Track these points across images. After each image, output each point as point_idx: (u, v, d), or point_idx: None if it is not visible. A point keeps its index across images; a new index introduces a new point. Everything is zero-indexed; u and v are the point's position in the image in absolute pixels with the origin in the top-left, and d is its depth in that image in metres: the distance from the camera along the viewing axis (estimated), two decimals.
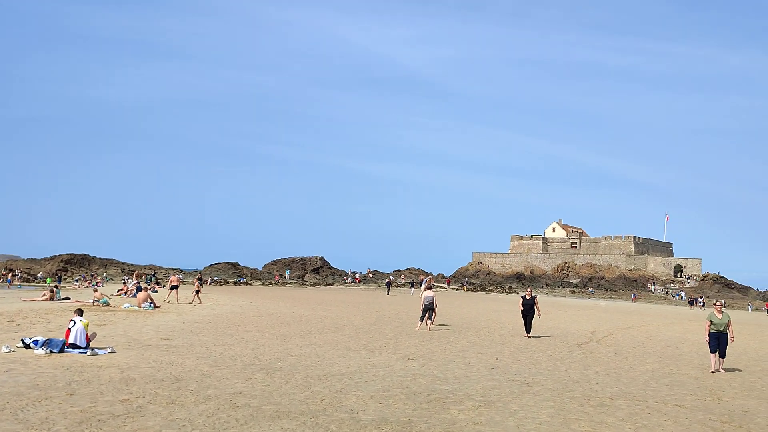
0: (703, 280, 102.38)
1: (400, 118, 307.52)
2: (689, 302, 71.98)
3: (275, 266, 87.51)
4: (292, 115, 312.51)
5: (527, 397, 10.25)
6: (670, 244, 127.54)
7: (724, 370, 14.91)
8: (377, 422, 8.10)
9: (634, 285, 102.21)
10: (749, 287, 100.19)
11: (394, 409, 8.96)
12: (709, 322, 14.85)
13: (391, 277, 77.40)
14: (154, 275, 58.20)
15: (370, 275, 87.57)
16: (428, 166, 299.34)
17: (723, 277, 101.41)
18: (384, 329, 21.52)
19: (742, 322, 38.79)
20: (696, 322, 37.34)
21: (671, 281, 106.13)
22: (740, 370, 15.31)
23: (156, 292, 36.11)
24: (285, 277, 79.08)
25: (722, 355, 14.91)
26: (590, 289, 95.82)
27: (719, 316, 14.82)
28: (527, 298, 20.95)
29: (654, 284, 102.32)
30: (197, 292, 30.84)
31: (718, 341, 14.72)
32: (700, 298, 72.35)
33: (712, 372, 14.61)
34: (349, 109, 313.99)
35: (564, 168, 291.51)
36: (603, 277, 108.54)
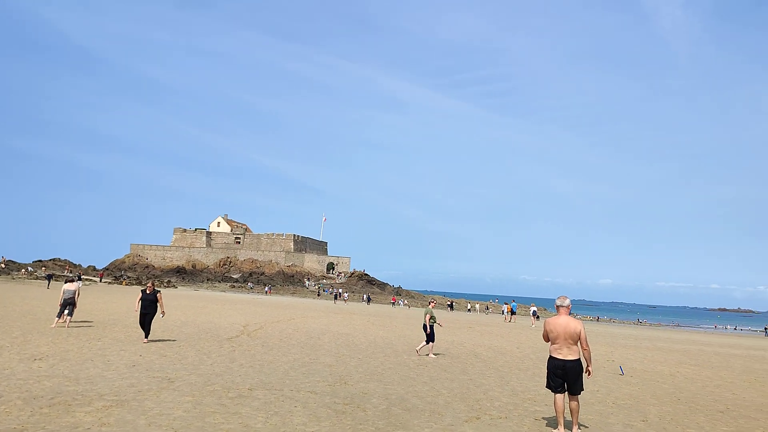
0: (350, 276, 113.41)
1: (62, 91, 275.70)
2: (333, 297, 78.91)
3: None
4: None
5: (166, 393, 9.98)
6: (326, 243, 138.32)
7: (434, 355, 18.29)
8: None
9: (291, 280, 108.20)
10: (387, 283, 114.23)
11: (6, 416, 7.87)
12: (429, 315, 18.16)
13: (48, 271, 68.45)
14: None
15: (4, 265, 76.20)
16: (84, 147, 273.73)
17: (367, 274, 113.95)
18: (11, 327, 18.86)
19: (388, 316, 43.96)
20: (340, 315, 41.11)
21: (324, 277, 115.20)
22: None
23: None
24: None
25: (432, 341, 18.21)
26: (250, 284, 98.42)
27: (434, 311, 18.85)
28: (148, 292, 17.61)
29: (309, 280, 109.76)
30: None
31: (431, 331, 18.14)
32: (346, 293, 79.91)
33: (428, 356, 17.90)
34: None
35: (231, 163, 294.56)
36: (263, 273, 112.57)
